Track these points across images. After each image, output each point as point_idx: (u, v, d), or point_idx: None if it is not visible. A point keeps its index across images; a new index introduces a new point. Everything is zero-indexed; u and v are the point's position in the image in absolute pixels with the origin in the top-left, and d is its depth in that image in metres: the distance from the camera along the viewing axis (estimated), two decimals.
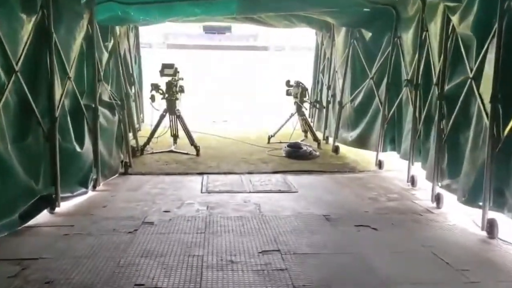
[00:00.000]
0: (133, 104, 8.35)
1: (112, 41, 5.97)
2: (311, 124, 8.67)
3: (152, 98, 6.99)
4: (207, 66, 24.10)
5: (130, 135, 7.02)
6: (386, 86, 6.16)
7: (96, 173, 5.07)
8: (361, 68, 6.77)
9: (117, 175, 5.87)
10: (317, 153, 7.23)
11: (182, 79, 7.39)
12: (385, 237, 3.85)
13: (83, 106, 4.79)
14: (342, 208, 4.58)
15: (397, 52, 6.00)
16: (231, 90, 16.92)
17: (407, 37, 5.70)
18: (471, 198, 3.99)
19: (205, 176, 5.96)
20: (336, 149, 7.35)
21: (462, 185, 4.18)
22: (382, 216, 4.32)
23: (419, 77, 5.30)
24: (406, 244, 3.71)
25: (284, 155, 7.19)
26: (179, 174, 6.10)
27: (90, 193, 4.92)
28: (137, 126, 8.68)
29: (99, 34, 5.27)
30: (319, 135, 8.26)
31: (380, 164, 6.34)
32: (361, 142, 6.89)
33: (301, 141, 8.26)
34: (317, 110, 8.89)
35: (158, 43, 23.79)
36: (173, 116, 7.30)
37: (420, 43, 5.22)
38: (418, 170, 5.43)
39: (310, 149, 7.27)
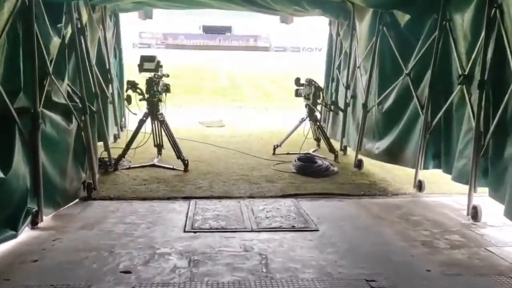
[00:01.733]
0: (109, 107, 6.93)
1: (70, 23, 4.51)
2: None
3: (128, 100, 5.54)
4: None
5: (101, 145, 5.57)
6: (430, 84, 4.72)
7: (38, 204, 3.62)
8: (393, 61, 5.33)
9: (76, 201, 4.43)
10: (335, 169, 5.78)
11: (167, 75, 5.94)
12: None
13: (13, 111, 3.33)
14: (389, 263, 3.12)
15: (446, 39, 4.56)
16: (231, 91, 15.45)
17: (463, 19, 4.27)
18: None
19: (192, 202, 4.52)
20: (359, 164, 5.89)
21: None
22: (456, 282, 2.86)
23: (485, 72, 3.85)
24: None
25: (294, 170, 5.74)
26: (159, 199, 4.65)
27: (26, 233, 3.46)
28: (115, 133, 7.24)
29: (44, 11, 3.82)
30: (335, 144, 6.79)
31: (420, 186, 4.89)
32: (392, 155, 5.44)
33: (313, 151, 6.82)
34: (331, 114, 7.44)
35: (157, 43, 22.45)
36: (155, 122, 5.85)
37: (488, 25, 3.78)
38: (482, 197, 3.99)
39: (327, 163, 5.82)
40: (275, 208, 4.38)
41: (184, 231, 3.68)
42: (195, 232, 3.66)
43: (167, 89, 5.94)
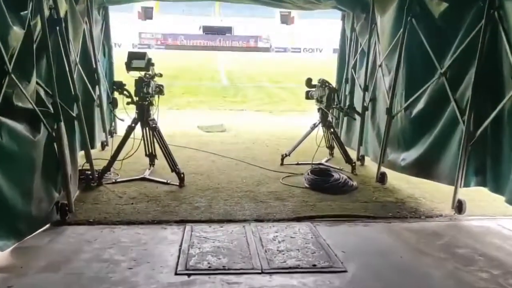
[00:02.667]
0: (96, 111, 6.13)
1: (38, 12, 3.71)
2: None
3: (114, 103, 4.75)
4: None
5: (81, 155, 4.80)
6: (474, 85, 3.93)
7: None
8: (425, 59, 4.53)
9: (46, 226, 3.65)
10: (354, 183, 4.99)
11: (160, 75, 5.15)
12: None
13: None
14: None
15: (495, 31, 3.77)
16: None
17: None
18: None
19: (188, 228, 3.73)
20: (382, 177, 5.10)
21: None
22: None
23: None
24: None
25: (306, 185, 4.95)
26: (148, 223, 3.86)
27: None
28: (103, 140, 6.45)
29: None
30: (351, 153, 5.98)
31: (460, 207, 4.10)
32: (422, 169, 4.65)
33: (326, 161, 6.03)
34: (345, 119, 6.64)
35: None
36: (146, 129, 5.06)
37: None
38: None
39: (344, 176, 5.03)
40: (288, 237, 3.58)
41: (176, 273, 2.88)
42: (189, 275, 2.86)
43: (160, 90, 5.15)
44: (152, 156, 5.37)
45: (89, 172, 4.77)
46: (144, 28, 65.13)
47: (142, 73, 4.86)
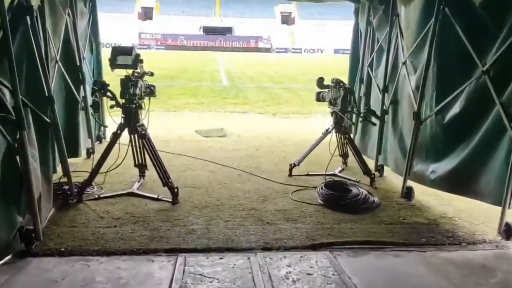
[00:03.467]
0: (81, 114, 5.44)
1: None
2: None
3: (94, 107, 4.06)
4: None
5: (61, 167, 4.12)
6: None
7: None
8: (461, 55, 3.84)
9: (6, 259, 2.97)
10: (376, 199, 4.30)
11: (151, 74, 4.45)
12: None
13: None
14: None
15: None
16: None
17: None
18: None
19: (180, 260, 3.05)
20: (408, 193, 4.40)
21: None
22: None
23: None
24: None
25: (320, 201, 4.26)
26: (132, 253, 3.16)
27: None
28: (89, 147, 5.75)
29: None
30: (367, 162, 5.28)
31: (508, 232, 3.42)
32: (457, 183, 3.95)
33: (340, 172, 5.34)
34: (359, 124, 5.95)
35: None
36: (134, 136, 4.37)
37: None
38: None
39: (364, 191, 4.33)
40: (304, 273, 2.90)
41: None
42: None
43: (150, 92, 4.46)
44: (141, 167, 4.69)
45: (67, 187, 4.07)
46: (144, 28, 64.59)
47: (130, 71, 4.18)
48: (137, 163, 4.64)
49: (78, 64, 5.43)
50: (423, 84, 4.17)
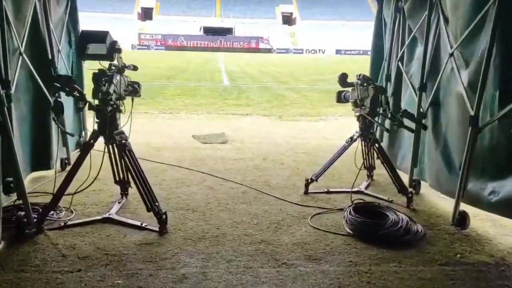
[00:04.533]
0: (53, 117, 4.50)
1: None
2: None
3: (56, 109, 3.08)
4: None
5: (32, 179, 3.18)
6: None
7: None
8: None
9: None
10: (419, 228, 3.36)
11: (134, 68, 3.50)
12: None
13: None
14: None
15: None
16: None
17: None
18: None
19: None
20: (462, 220, 3.46)
21: None
22: None
23: None
24: None
25: (349, 230, 3.33)
26: None
27: None
28: (63, 157, 4.83)
29: None
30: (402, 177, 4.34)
31: None
32: None
33: (366, 188, 4.41)
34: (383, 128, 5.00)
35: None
36: (112, 147, 3.43)
37: None
38: None
39: (404, 218, 3.39)
40: None
41: None
42: None
43: (134, 90, 3.52)
44: (123, 184, 3.76)
45: (22, 213, 3.14)
46: (143, 29, 63.75)
47: (107, 64, 3.25)
48: (117, 179, 3.72)
49: (50, 57, 4.51)
50: (484, 80, 3.22)
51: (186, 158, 5.46)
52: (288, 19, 71.74)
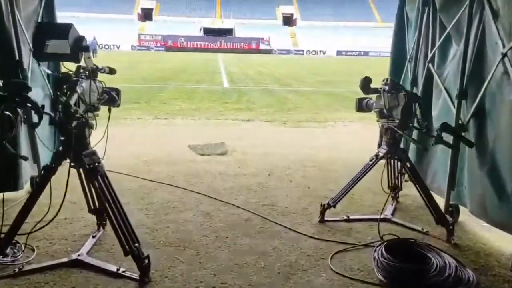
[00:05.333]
0: (23, 131, 3.79)
1: None
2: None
3: (3, 125, 2.38)
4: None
5: None
6: None
7: None
8: None
9: None
10: (472, 274, 2.65)
11: (110, 71, 2.79)
12: None
13: None
14: None
15: None
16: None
17: None
18: None
19: None
20: None
21: None
22: None
23: None
24: None
25: (381, 277, 2.62)
26: None
27: None
28: (34, 175, 4.11)
29: None
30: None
31: None
32: None
33: (393, 214, 3.70)
34: (412, 143, 4.28)
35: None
36: (81, 171, 2.71)
37: None
38: None
39: (452, 262, 2.68)
40: None
41: None
42: None
43: (110, 99, 2.80)
44: (99, 213, 3.05)
45: None
46: (143, 29, 63.04)
47: (75, 66, 2.54)
48: (91, 208, 3.01)
49: (18, 58, 3.80)
50: None
51: (180, 173, 4.75)
52: (288, 20, 71.08)
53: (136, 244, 2.58)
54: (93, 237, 3.07)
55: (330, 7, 70.16)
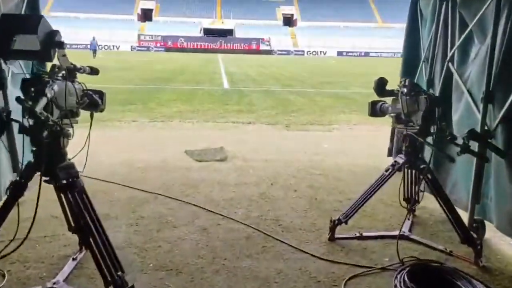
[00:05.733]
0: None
1: None
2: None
3: None
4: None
5: None
6: None
7: None
8: None
9: None
10: None
11: (92, 71, 2.43)
12: None
13: None
14: None
15: None
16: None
17: None
18: None
19: None
20: None
21: None
22: None
23: None
24: None
25: None
26: None
27: None
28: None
29: None
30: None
31: None
32: None
33: (410, 230, 3.33)
34: (429, 150, 3.92)
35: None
36: (56, 187, 2.35)
37: None
38: None
39: None
40: None
41: None
42: None
43: (92, 103, 2.43)
44: (82, 232, 2.68)
45: None
46: (143, 30, 62.72)
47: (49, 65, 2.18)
48: (72, 226, 2.64)
49: None
50: None
51: (175, 182, 4.39)
52: (288, 21, 70.76)
53: (119, 273, 2.21)
54: (73, 259, 2.70)
55: (331, 8, 69.79)
